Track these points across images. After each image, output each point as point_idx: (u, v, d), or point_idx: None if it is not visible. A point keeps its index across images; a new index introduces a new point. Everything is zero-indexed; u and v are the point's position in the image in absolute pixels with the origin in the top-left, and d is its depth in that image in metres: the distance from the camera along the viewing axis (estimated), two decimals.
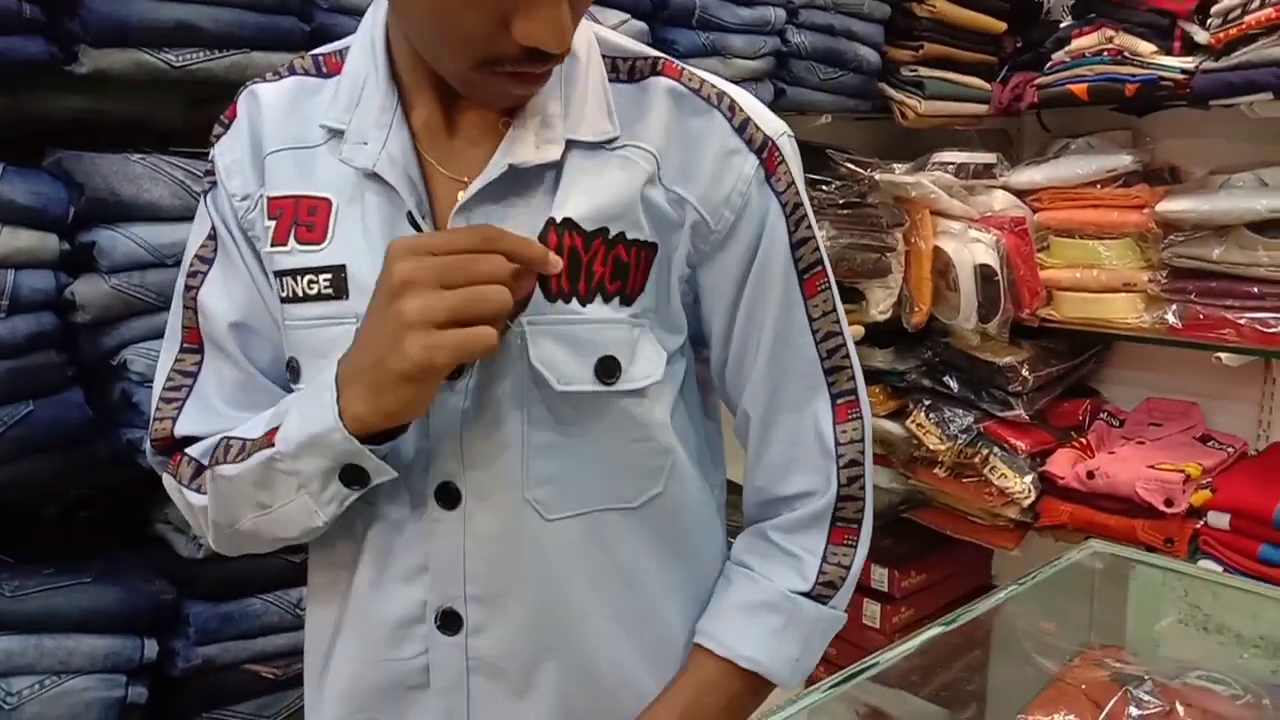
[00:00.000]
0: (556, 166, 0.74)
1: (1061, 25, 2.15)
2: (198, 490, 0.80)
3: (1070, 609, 1.24)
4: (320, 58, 0.82)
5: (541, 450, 0.75)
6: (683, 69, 0.79)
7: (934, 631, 1.03)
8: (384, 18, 0.77)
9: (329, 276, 0.76)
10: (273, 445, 0.72)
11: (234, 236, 0.81)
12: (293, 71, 0.82)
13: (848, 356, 0.83)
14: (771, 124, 0.80)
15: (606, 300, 0.75)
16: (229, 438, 0.77)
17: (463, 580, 0.76)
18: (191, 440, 0.81)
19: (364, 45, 0.78)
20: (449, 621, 0.77)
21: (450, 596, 0.76)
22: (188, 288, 0.83)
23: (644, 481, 0.80)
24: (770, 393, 0.82)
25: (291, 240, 0.77)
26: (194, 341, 0.82)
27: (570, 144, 0.74)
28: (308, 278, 0.76)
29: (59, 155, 1.13)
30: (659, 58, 0.80)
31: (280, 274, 0.78)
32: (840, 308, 0.83)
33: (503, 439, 0.75)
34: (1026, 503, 2.17)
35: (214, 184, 0.82)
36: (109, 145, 1.17)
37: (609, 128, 0.75)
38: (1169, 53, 1.98)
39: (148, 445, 0.85)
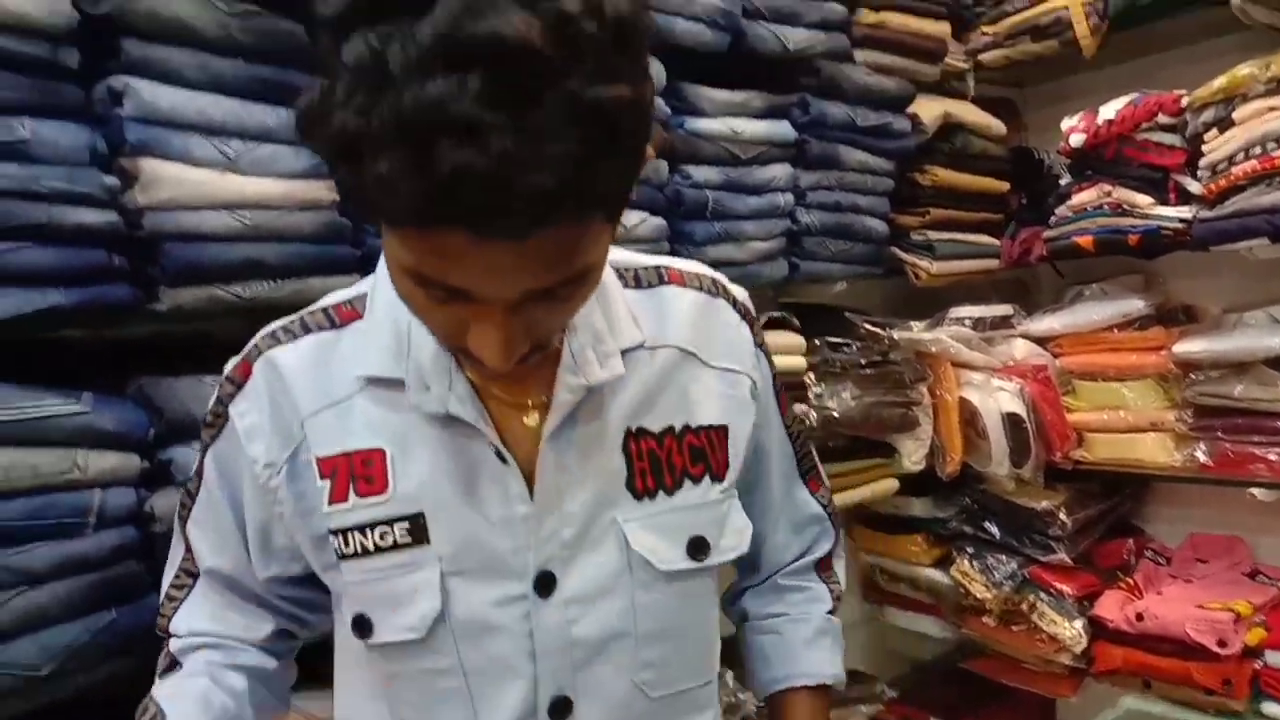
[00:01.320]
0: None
1: (1061, 182, 2.27)
2: (156, 688, 0.90)
3: None
4: (330, 310, 0.85)
5: (651, 636, 0.83)
6: (682, 272, 0.91)
7: None
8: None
9: (405, 525, 0.78)
10: None
11: (227, 494, 0.86)
12: (307, 330, 0.84)
13: (806, 440, 1.03)
14: (740, 292, 0.95)
15: (696, 483, 0.85)
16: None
17: None
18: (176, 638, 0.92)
19: (390, 294, 0.76)
20: None
21: None
22: (179, 513, 0.93)
23: (713, 657, 0.92)
24: (773, 501, 0.99)
25: (352, 495, 0.79)
26: (194, 568, 0.93)
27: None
28: (379, 529, 0.78)
29: (140, 382, 1.26)
30: (660, 266, 0.90)
31: (340, 531, 0.80)
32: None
33: (613, 634, 0.81)
34: (1079, 649, 2.15)
35: (217, 436, 0.85)
36: (182, 365, 1.31)
37: (637, 334, 0.84)
38: (1165, 203, 2.07)
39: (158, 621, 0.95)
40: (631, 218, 1.68)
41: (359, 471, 0.79)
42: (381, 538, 0.79)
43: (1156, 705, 1.28)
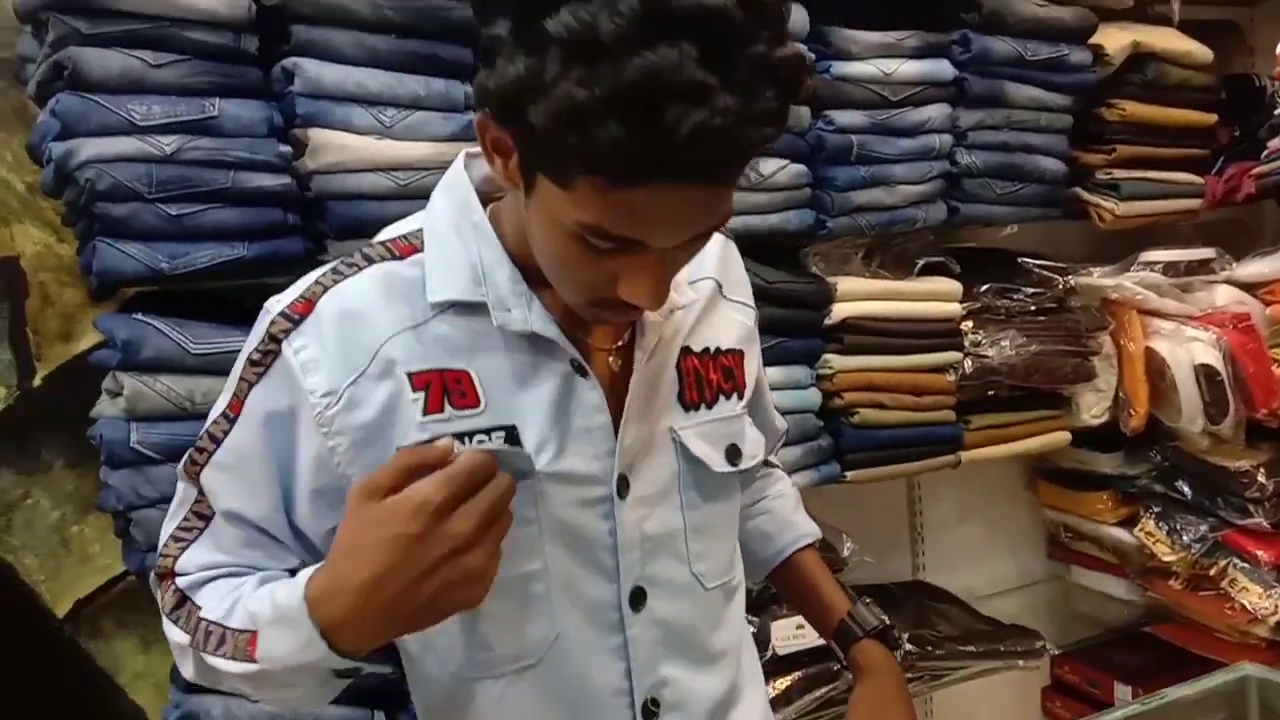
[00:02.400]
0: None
1: (1276, 112, 2.06)
2: (176, 624, 0.85)
3: None
4: (389, 244, 0.87)
5: (698, 530, 0.93)
6: None
7: None
8: (475, 204, 0.86)
9: (502, 435, 0.83)
10: (255, 661, 0.77)
11: (269, 437, 0.83)
12: (370, 261, 0.85)
13: None
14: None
15: (728, 398, 0.96)
16: (208, 621, 0.82)
17: (658, 668, 0.90)
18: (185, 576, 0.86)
19: (451, 229, 0.85)
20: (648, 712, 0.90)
21: (649, 686, 0.90)
22: (192, 460, 0.87)
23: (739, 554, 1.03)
24: (763, 421, 1.11)
25: (448, 407, 0.82)
26: (208, 510, 0.87)
27: None
28: (478, 437, 0.82)
29: None
30: None
31: (434, 440, 0.77)
32: None
33: (671, 530, 0.91)
34: (1273, 620, 1.99)
35: (264, 374, 0.83)
36: None
37: (690, 270, 0.90)
38: None
39: (151, 575, 0.91)
40: (769, 165, 1.72)
41: (451, 387, 0.83)
42: (479, 444, 0.81)
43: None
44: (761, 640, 1.73)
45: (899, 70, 1.82)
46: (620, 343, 0.90)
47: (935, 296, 1.90)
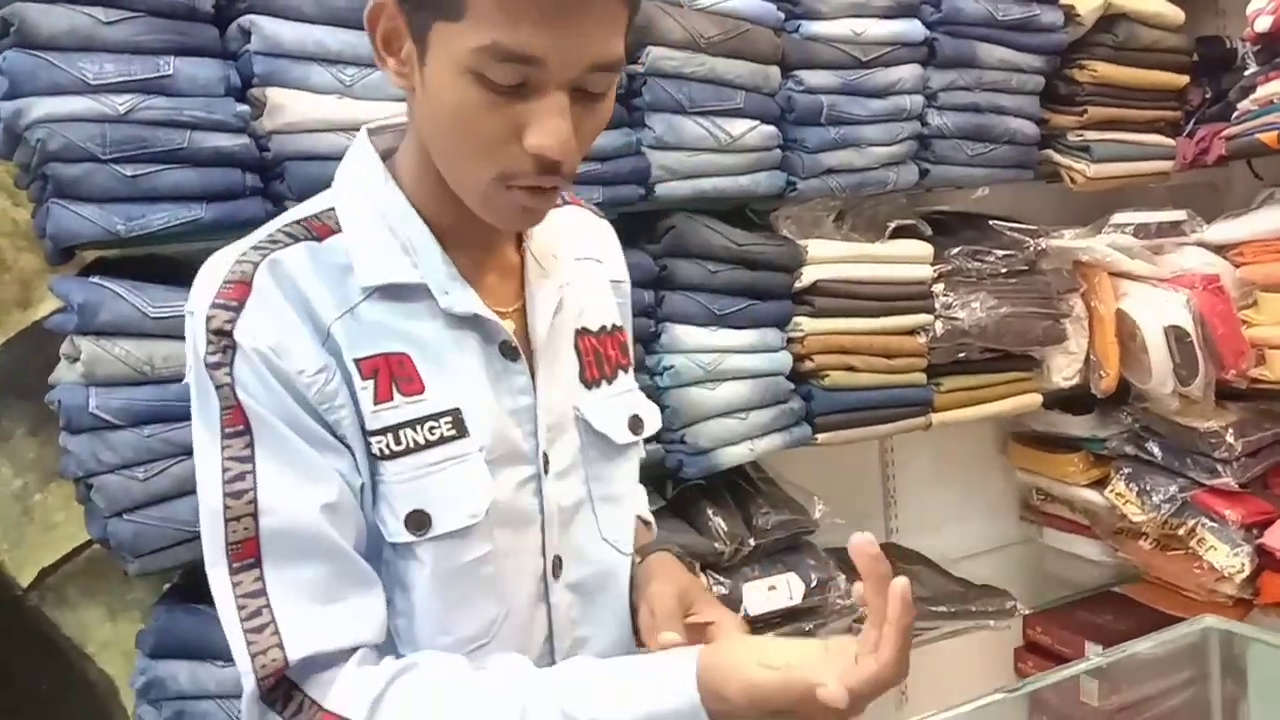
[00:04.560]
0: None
1: (1246, 73, 2.06)
2: None
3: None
4: (303, 223, 0.84)
5: (603, 500, 0.94)
6: (576, 197, 1.05)
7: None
8: (391, 182, 0.84)
9: (449, 420, 0.82)
10: None
11: (292, 418, 0.78)
12: (294, 239, 0.82)
13: None
14: None
15: (625, 372, 0.99)
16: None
17: (575, 630, 0.92)
18: (312, 664, 0.77)
19: (370, 209, 0.84)
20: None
21: (566, 649, 0.91)
22: (232, 497, 0.77)
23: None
24: None
25: (397, 394, 0.81)
26: (249, 555, 0.77)
27: None
28: (428, 424, 0.81)
29: None
30: (562, 192, 0.95)
31: (389, 429, 0.80)
32: None
33: (579, 500, 0.92)
34: (1239, 578, 2.01)
35: (231, 371, 0.76)
36: None
37: (576, 245, 0.97)
38: None
39: (250, 694, 0.77)
40: (739, 125, 1.70)
41: (397, 372, 0.81)
42: (430, 431, 0.82)
43: (1239, 625, 1.21)
44: (733, 601, 1.74)
45: (869, 30, 1.81)
46: (515, 307, 0.90)
47: (906, 259, 1.90)
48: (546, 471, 0.89)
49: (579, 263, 0.97)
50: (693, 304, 1.71)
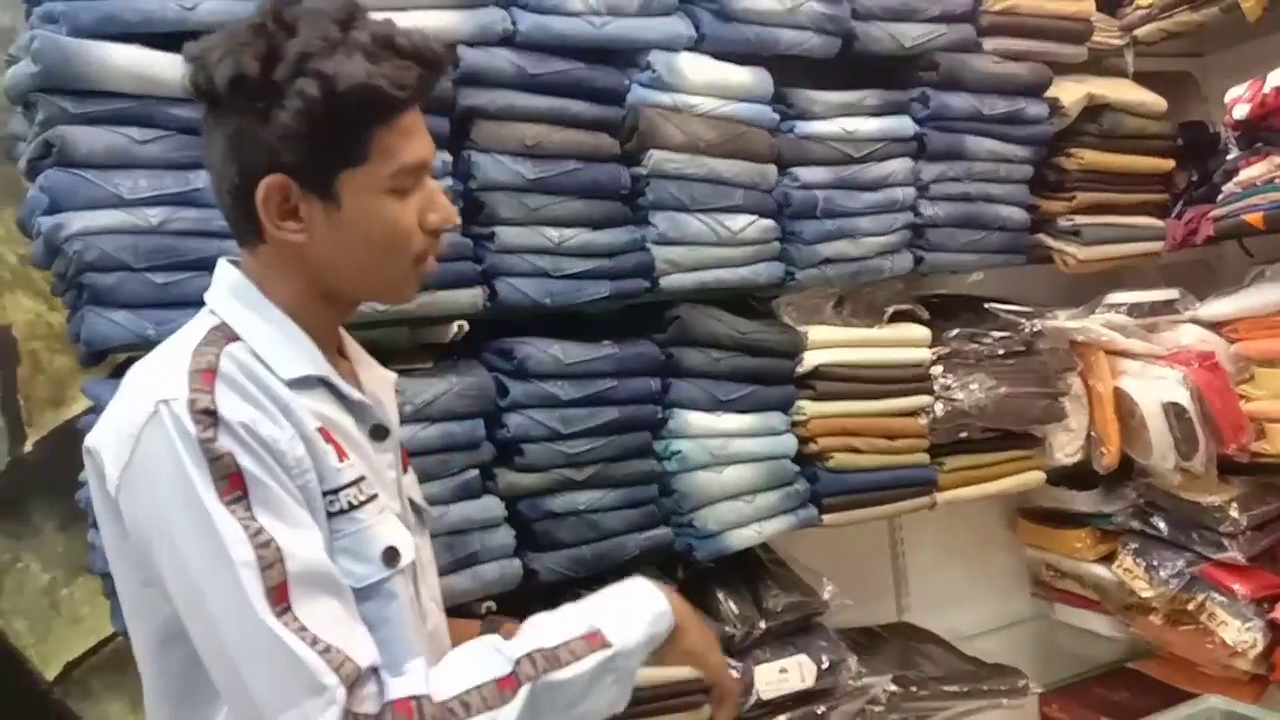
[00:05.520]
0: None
1: (1228, 157, 2.13)
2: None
3: None
4: (215, 330, 0.96)
5: (427, 564, 1.13)
6: None
7: None
8: (256, 297, 0.99)
9: (366, 483, 0.99)
10: (609, 646, 0.95)
11: (279, 478, 0.89)
12: (225, 338, 0.95)
13: None
14: None
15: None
16: (529, 653, 0.92)
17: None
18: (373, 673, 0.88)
19: (252, 317, 0.97)
20: None
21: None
22: (261, 548, 0.85)
23: None
24: None
25: (346, 456, 0.97)
26: (283, 600, 0.85)
27: None
28: (364, 481, 0.98)
29: None
30: None
31: (354, 482, 0.96)
32: None
33: (429, 559, 1.14)
34: (1252, 653, 2.01)
35: (217, 438, 0.86)
36: None
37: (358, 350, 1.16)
38: None
39: (339, 706, 0.84)
40: (738, 221, 1.78)
41: (334, 442, 0.97)
42: (360, 491, 0.98)
43: (1241, 706, 1.22)
44: (745, 685, 1.75)
45: (861, 128, 1.89)
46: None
47: (905, 343, 1.95)
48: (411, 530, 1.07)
49: (368, 361, 1.15)
50: (698, 390, 1.76)
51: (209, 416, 0.87)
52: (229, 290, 1.00)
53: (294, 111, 0.90)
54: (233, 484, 0.86)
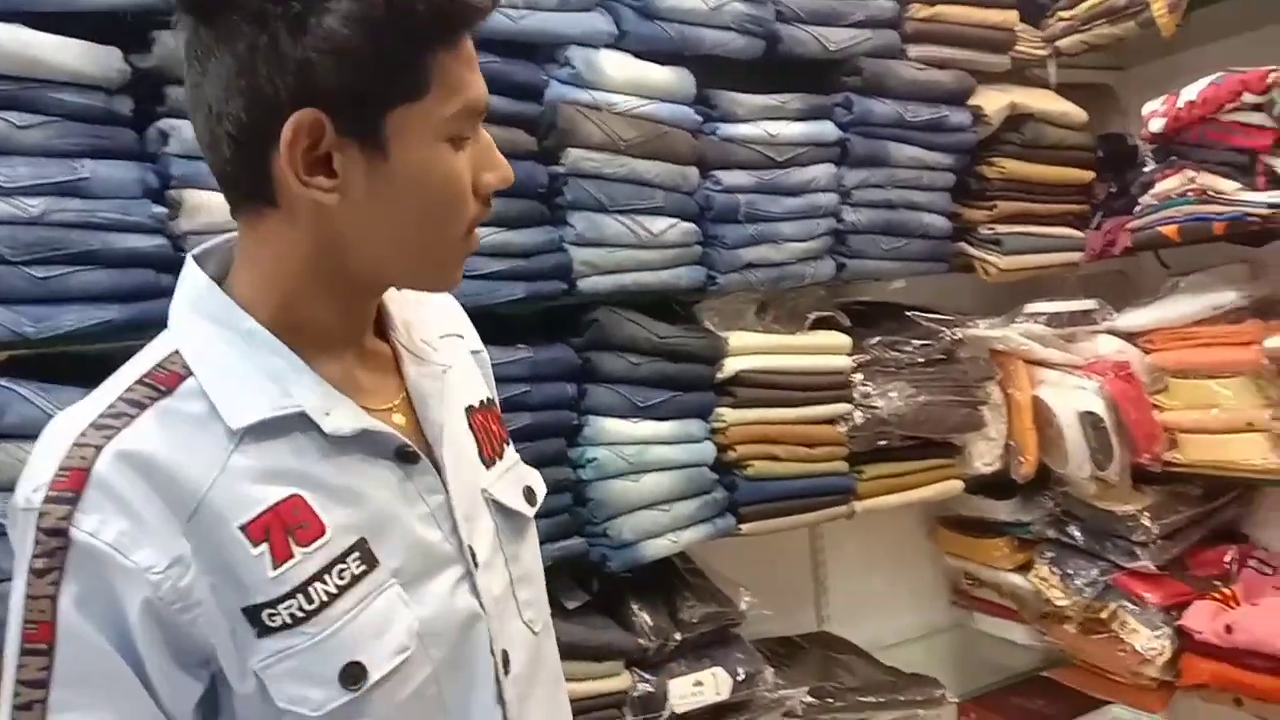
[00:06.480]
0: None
1: (1144, 170, 2.16)
2: None
3: None
4: (147, 380, 0.76)
5: (520, 580, 0.91)
6: None
7: None
8: (235, 309, 0.77)
9: (356, 556, 0.77)
10: None
11: (112, 638, 0.70)
12: (140, 407, 0.73)
13: None
14: None
15: (508, 445, 0.97)
16: None
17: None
18: None
19: (220, 343, 0.77)
20: None
21: None
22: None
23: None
24: None
25: (295, 548, 0.74)
26: None
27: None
28: (337, 569, 0.76)
29: None
30: None
31: (297, 590, 0.74)
32: None
33: (505, 585, 0.89)
34: (1159, 660, 2.04)
35: (63, 576, 0.69)
36: None
37: (438, 324, 0.95)
38: (1253, 188, 1.94)
39: None
40: (659, 223, 1.75)
41: (291, 521, 0.75)
42: (340, 576, 0.76)
43: (1142, 714, 1.23)
44: (659, 699, 1.72)
45: (784, 131, 1.87)
46: (399, 399, 0.86)
47: (825, 350, 1.94)
48: (476, 565, 0.84)
49: (444, 340, 0.94)
50: (615, 396, 1.73)
51: (54, 538, 0.69)
52: (188, 301, 0.79)
53: (343, 16, 0.68)
54: (42, 634, 0.69)
